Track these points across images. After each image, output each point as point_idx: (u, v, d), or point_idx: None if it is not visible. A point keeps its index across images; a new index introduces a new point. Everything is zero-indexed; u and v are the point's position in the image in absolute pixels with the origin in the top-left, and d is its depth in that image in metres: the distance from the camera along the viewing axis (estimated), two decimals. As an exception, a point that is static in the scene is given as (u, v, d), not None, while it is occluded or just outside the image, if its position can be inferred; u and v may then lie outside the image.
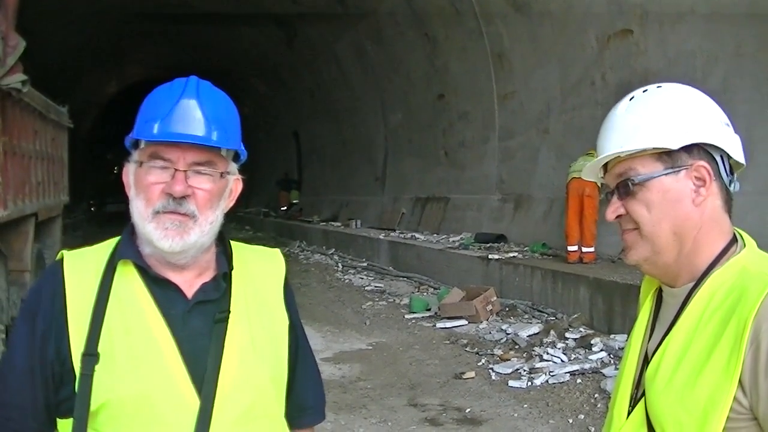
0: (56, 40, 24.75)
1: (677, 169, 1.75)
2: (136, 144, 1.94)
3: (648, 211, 1.79)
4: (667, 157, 1.76)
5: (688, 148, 1.75)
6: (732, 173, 1.80)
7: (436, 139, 20.73)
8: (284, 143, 35.59)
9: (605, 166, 1.89)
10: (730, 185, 1.78)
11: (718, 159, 1.76)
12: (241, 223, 34.60)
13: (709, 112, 1.78)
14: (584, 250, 12.42)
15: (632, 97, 1.85)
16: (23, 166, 10.83)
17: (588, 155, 12.49)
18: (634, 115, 1.81)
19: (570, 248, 12.61)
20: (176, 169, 1.86)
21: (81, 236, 22.56)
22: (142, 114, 1.91)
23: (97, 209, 45.34)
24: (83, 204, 41.17)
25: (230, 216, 2.03)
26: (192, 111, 1.86)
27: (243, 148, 2.02)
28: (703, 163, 1.74)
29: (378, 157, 24.83)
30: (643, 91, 1.84)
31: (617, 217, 1.85)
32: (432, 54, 19.92)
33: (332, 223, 26.07)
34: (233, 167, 2.01)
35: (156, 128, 1.84)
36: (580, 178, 12.31)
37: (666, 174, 1.76)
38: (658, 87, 1.83)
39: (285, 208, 33.04)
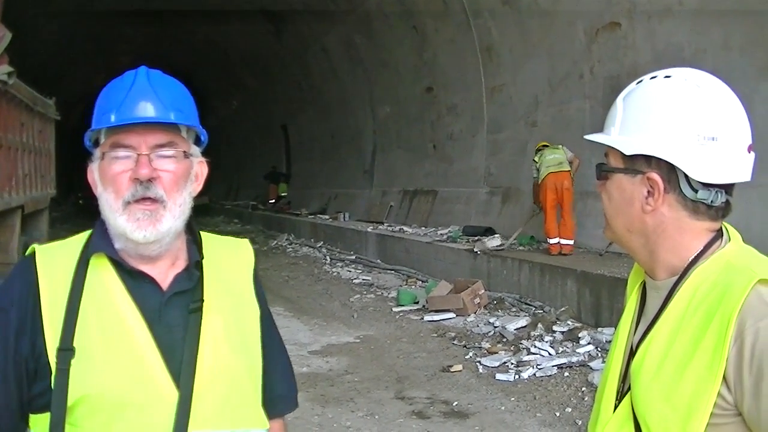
0: (44, 31, 24.64)
1: (634, 172, 1.74)
2: (95, 143, 1.96)
3: (609, 201, 1.82)
4: (628, 158, 1.75)
5: (647, 156, 1.72)
6: (715, 186, 1.70)
7: (424, 132, 20.72)
8: (273, 136, 35.53)
9: None
10: (705, 199, 1.70)
11: (680, 173, 1.70)
12: (230, 216, 34.52)
13: (688, 122, 1.69)
14: (563, 242, 12.61)
15: (640, 81, 1.81)
16: (9, 159, 10.82)
17: (555, 149, 12.99)
18: (624, 105, 1.80)
19: (551, 241, 12.77)
20: (139, 154, 1.87)
21: (69, 229, 22.41)
22: (97, 108, 1.93)
23: (85, 202, 45.09)
24: (71, 196, 41.04)
25: (219, 209, 2.03)
26: (146, 95, 1.88)
27: (203, 129, 2.03)
28: (653, 175, 1.71)
29: (366, 150, 24.80)
30: (651, 78, 1.79)
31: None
32: (420, 47, 19.90)
33: (320, 216, 26.00)
34: (196, 150, 2.02)
35: (113, 117, 1.86)
36: (556, 172, 12.54)
37: (624, 174, 1.76)
38: (665, 77, 1.77)
39: (273, 201, 32.96)
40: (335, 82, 26.51)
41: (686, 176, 1.70)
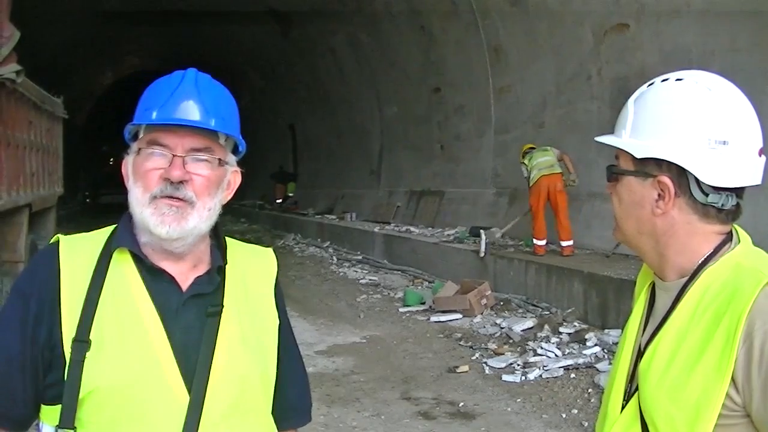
0: (52, 30, 24.67)
1: (645, 176, 1.74)
2: (135, 136, 1.96)
3: (619, 203, 1.82)
4: (638, 160, 1.75)
5: (658, 159, 1.72)
6: (726, 190, 1.70)
7: (431, 132, 20.70)
8: (280, 136, 35.53)
9: None
10: (716, 202, 1.70)
11: (691, 177, 1.70)
12: (237, 216, 34.52)
13: (699, 126, 1.69)
14: (564, 244, 12.65)
15: (651, 84, 1.80)
16: (17, 157, 10.84)
17: (544, 151, 13.09)
18: (635, 107, 1.79)
19: (539, 242, 12.90)
20: (174, 155, 1.87)
21: (75, 227, 22.31)
22: (141, 103, 1.93)
23: (92, 200, 45.19)
24: (78, 195, 41.10)
25: (226, 208, 2.04)
26: (190, 98, 1.88)
27: (242, 140, 2.03)
28: (664, 178, 1.71)
29: (373, 150, 24.79)
30: (662, 81, 1.79)
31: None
32: (428, 47, 19.88)
33: (327, 215, 25.98)
34: (232, 158, 2.03)
35: (154, 114, 1.87)
36: (549, 174, 12.60)
37: (634, 176, 1.76)
38: (677, 80, 1.76)
39: (280, 200, 32.97)
40: (342, 82, 26.50)
41: (697, 180, 1.70)
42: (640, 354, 1.82)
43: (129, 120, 1.95)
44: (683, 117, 1.71)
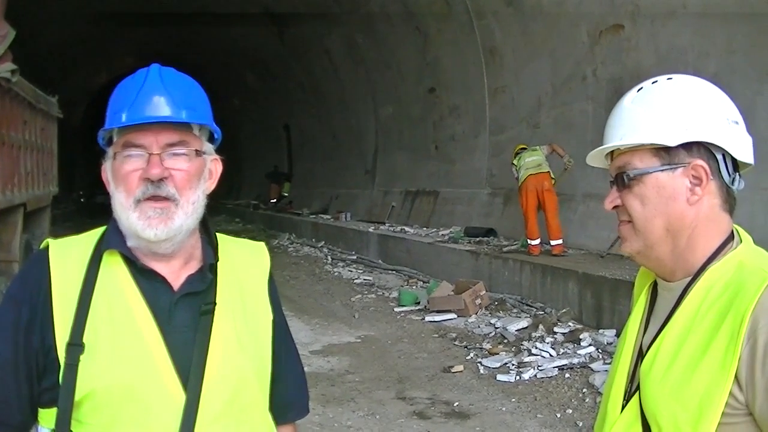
0: (47, 30, 24.65)
1: (674, 166, 1.74)
2: (109, 141, 1.95)
3: (642, 205, 1.78)
4: (665, 153, 1.74)
5: (688, 146, 1.73)
6: (736, 171, 1.77)
7: (426, 132, 20.71)
8: (275, 136, 35.52)
9: (611, 154, 1.87)
10: (732, 184, 1.76)
11: (720, 157, 1.74)
12: (231, 216, 34.49)
13: (715, 108, 1.75)
14: (553, 243, 12.65)
15: (641, 88, 1.82)
16: (12, 157, 10.82)
17: (533, 151, 13.15)
18: (639, 107, 1.79)
19: (533, 242, 12.86)
20: (151, 153, 1.86)
21: (71, 227, 22.39)
22: (110, 107, 1.92)
23: (87, 200, 45.08)
24: (73, 195, 41.01)
25: (221, 208, 2.03)
26: (157, 94, 1.86)
27: (216, 127, 2.02)
28: (700, 162, 1.72)
29: (368, 151, 24.79)
30: (653, 83, 1.82)
31: (614, 207, 1.84)
32: (423, 48, 19.89)
33: (322, 215, 26.00)
34: (209, 147, 2.01)
35: (124, 116, 1.85)
36: (536, 174, 12.63)
37: (662, 170, 1.75)
38: (668, 79, 1.81)
39: (275, 200, 32.95)
40: (337, 82, 26.50)
41: (725, 160, 1.74)
42: (641, 354, 1.82)
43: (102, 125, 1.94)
44: (701, 102, 1.76)
